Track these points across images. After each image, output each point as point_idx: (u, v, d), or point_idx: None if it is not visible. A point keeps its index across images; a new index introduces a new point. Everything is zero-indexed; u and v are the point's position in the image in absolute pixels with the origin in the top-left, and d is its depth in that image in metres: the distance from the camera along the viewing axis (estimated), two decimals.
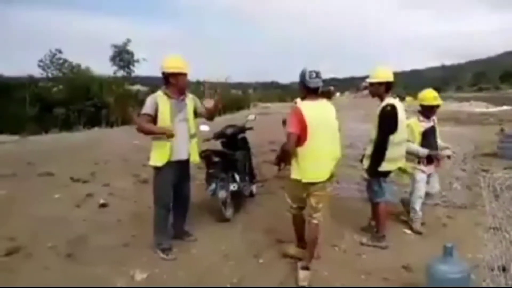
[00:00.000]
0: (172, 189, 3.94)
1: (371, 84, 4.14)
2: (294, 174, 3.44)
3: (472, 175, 6.10)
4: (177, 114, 3.86)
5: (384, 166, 4.01)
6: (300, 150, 3.35)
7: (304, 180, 3.39)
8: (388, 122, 3.96)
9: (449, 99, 46.57)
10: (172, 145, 3.79)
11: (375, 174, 4.07)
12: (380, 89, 4.07)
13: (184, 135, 3.90)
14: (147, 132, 3.80)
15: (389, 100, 4.00)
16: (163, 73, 3.82)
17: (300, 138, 3.32)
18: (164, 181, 3.87)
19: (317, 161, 3.38)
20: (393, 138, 3.96)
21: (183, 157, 3.93)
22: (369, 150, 4.12)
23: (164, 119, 3.78)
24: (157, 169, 3.85)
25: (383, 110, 3.98)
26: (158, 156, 3.81)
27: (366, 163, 4.13)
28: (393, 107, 3.95)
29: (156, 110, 3.76)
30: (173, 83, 3.80)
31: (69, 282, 3.36)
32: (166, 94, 3.82)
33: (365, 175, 4.19)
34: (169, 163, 3.80)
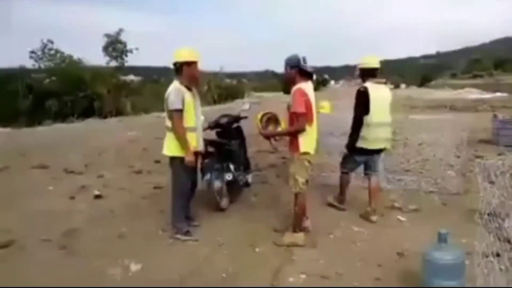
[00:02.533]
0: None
1: (361, 70, 4.52)
2: (306, 148, 3.79)
3: (467, 162, 6.12)
4: (196, 106, 4.01)
5: (363, 144, 4.40)
6: (308, 127, 3.75)
7: (312, 152, 3.85)
8: (359, 103, 4.37)
9: (444, 86, 46.71)
10: (197, 138, 4.00)
11: (353, 150, 4.50)
12: (365, 75, 4.46)
13: (200, 127, 4.10)
14: (182, 138, 3.83)
15: (367, 84, 4.37)
16: (175, 64, 3.89)
17: (307, 116, 3.72)
18: (187, 170, 3.98)
19: (315, 134, 3.91)
20: (369, 119, 4.33)
21: (201, 148, 4.16)
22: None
23: (190, 112, 3.88)
24: (179, 158, 3.91)
25: (357, 92, 4.42)
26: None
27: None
28: (365, 90, 4.34)
29: (183, 104, 3.81)
30: (187, 72, 3.88)
31: (63, 274, 3.34)
32: (186, 86, 3.90)
33: (345, 150, 4.69)
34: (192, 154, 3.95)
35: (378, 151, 4.55)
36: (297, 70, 3.81)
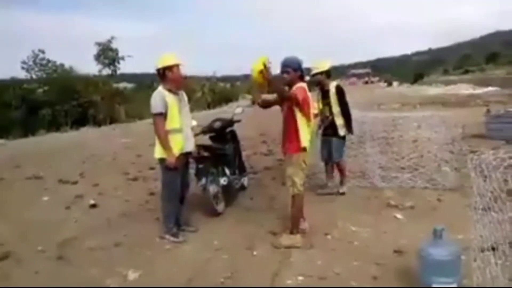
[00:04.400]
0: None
1: (316, 74, 5.07)
2: (306, 142, 3.82)
3: (461, 157, 6.14)
4: (182, 108, 4.06)
5: (344, 131, 5.18)
6: (308, 124, 3.84)
7: (308, 148, 3.89)
8: (343, 95, 5.13)
9: (436, 82, 46.96)
10: (183, 139, 4.02)
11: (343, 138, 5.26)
12: (322, 77, 5.09)
13: (189, 129, 4.15)
14: (162, 141, 3.90)
15: (334, 82, 5.21)
16: (158, 71, 3.97)
17: (306, 111, 3.78)
18: (176, 172, 4.03)
19: (311, 133, 4.02)
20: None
21: (190, 149, 4.19)
22: (339, 120, 5.14)
23: (173, 115, 3.93)
24: (166, 160, 3.95)
25: (337, 88, 5.14)
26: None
27: (342, 130, 5.16)
28: (340, 86, 5.21)
29: (166, 107, 3.88)
30: (170, 77, 3.95)
31: (61, 285, 3.32)
32: (169, 90, 3.95)
33: (347, 134, 5.29)
34: (179, 156, 4.00)
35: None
36: (299, 73, 3.88)
